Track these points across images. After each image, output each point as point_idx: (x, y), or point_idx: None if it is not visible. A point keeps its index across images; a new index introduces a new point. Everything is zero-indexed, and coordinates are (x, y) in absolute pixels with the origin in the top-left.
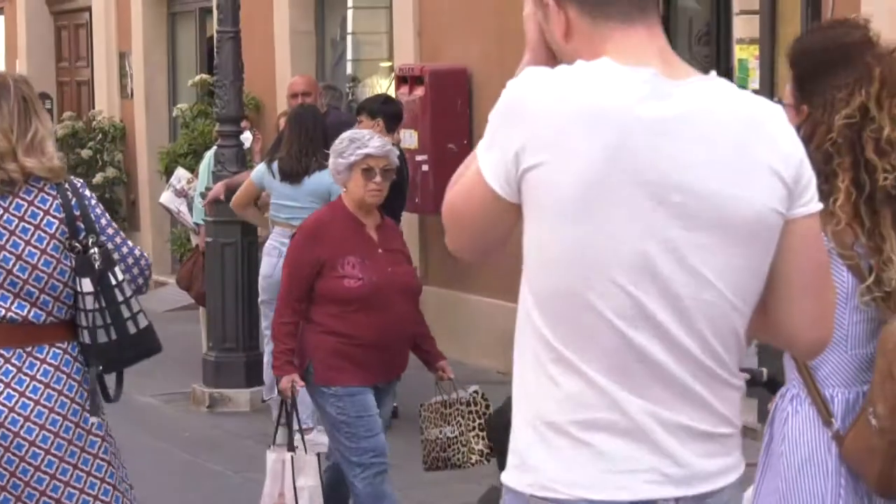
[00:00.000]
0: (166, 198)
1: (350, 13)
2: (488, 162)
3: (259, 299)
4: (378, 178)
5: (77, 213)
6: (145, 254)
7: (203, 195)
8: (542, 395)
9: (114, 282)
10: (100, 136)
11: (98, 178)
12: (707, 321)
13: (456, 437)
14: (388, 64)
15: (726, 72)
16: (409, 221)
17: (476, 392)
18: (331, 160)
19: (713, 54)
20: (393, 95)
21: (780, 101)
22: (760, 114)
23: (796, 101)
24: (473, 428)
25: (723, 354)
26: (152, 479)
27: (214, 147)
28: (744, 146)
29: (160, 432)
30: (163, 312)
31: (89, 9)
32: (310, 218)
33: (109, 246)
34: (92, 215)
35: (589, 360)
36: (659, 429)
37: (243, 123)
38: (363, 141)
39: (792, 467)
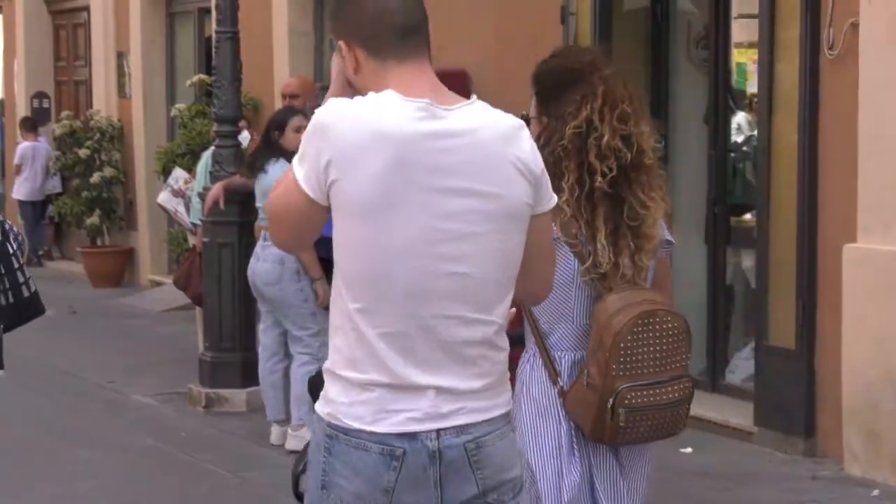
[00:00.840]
0: (164, 198)
1: None
2: (302, 173)
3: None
4: None
5: None
6: (21, 231)
7: (201, 195)
8: (343, 352)
9: (10, 251)
10: (97, 135)
11: (95, 177)
12: (479, 294)
13: None
14: None
15: (724, 75)
16: None
17: None
18: None
19: (712, 58)
20: None
21: (525, 115)
22: (511, 130)
23: (539, 113)
24: None
25: (491, 321)
26: (148, 479)
27: (212, 147)
28: (502, 155)
29: (157, 432)
30: (159, 312)
31: (88, 8)
32: None
33: None
34: None
35: (377, 331)
36: (430, 386)
37: (241, 124)
38: None
39: (529, 417)
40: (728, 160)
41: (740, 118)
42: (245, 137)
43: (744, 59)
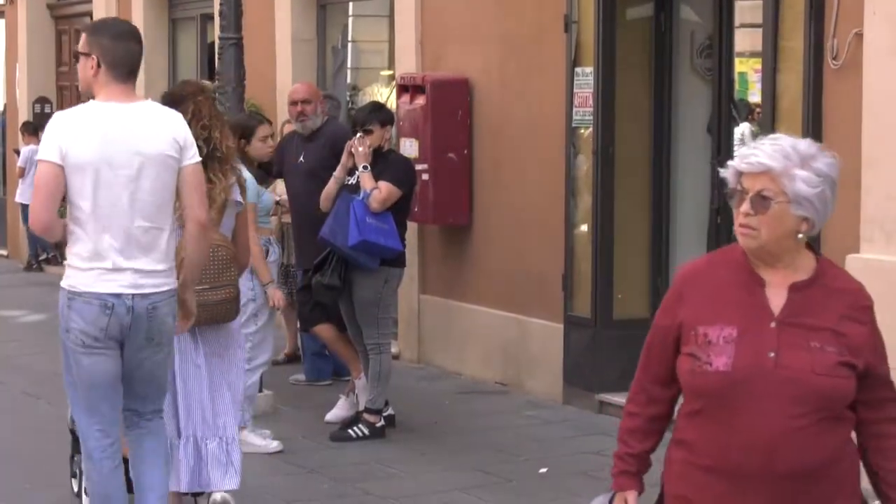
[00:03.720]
0: None
1: (351, 21)
2: (51, 153)
3: None
4: (745, 207)
5: None
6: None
7: None
8: (79, 249)
9: None
10: None
11: None
12: (149, 211)
13: None
14: (389, 73)
15: (728, 84)
16: (408, 231)
17: None
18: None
19: (715, 67)
20: (382, 102)
21: None
22: (171, 117)
23: None
24: None
25: (159, 227)
26: None
27: None
28: (162, 132)
29: None
30: None
31: (90, 14)
32: (690, 262)
33: None
34: None
35: (96, 235)
36: (129, 266)
37: None
38: (740, 152)
39: None
40: None
41: (743, 128)
42: None
43: (745, 69)
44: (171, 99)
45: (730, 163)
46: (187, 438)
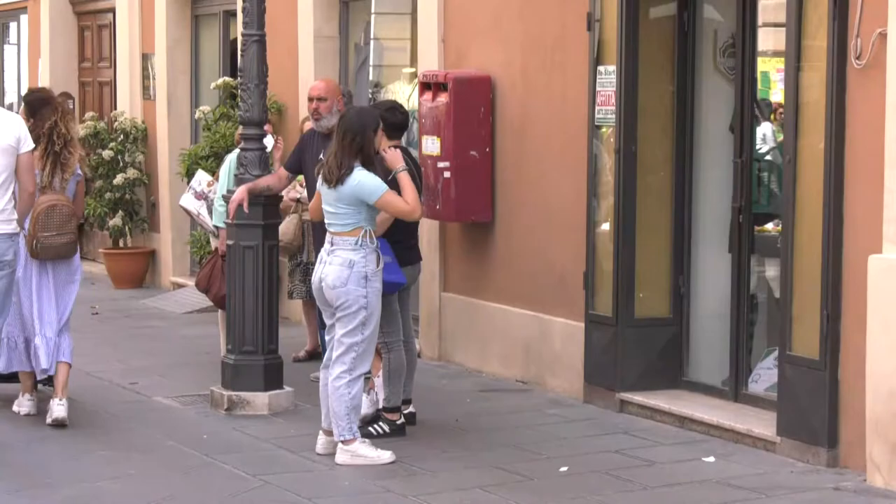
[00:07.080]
0: (186, 200)
1: (373, 18)
2: None
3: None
4: None
5: None
6: None
7: (225, 198)
8: None
9: None
10: (121, 136)
11: (119, 178)
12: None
13: None
14: (412, 70)
15: (751, 84)
16: (430, 228)
17: None
18: None
19: (738, 66)
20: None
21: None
22: (16, 119)
23: (26, 117)
24: None
25: (4, 194)
26: (170, 481)
27: (235, 150)
28: (9, 128)
29: (178, 434)
30: (181, 314)
31: (113, 10)
32: None
33: None
34: None
35: None
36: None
37: (266, 127)
38: None
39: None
40: (753, 169)
41: (766, 127)
42: (268, 141)
43: (768, 68)
44: (40, 101)
45: None
46: (43, 336)
